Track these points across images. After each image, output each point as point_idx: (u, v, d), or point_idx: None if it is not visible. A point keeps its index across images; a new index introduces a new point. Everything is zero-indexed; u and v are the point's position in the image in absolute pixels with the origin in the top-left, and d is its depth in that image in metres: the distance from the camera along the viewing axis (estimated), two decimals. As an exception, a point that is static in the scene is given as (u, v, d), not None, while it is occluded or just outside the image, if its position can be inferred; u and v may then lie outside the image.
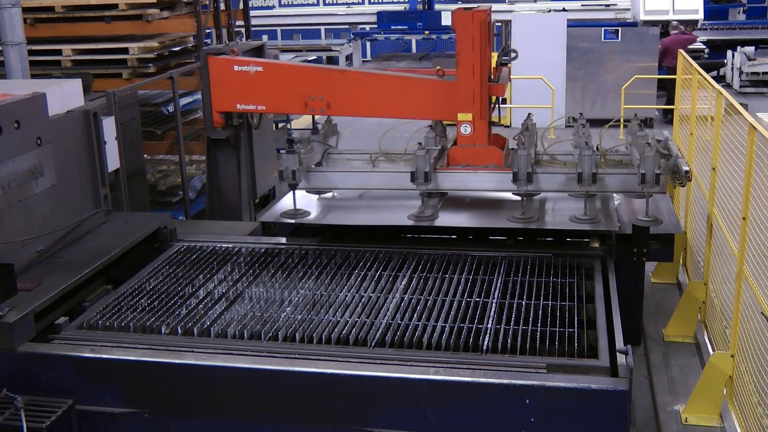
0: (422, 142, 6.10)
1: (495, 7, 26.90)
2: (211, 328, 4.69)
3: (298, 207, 6.11)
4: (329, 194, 6.45)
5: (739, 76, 19.10)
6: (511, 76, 16.22)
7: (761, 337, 5.02)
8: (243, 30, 11.61)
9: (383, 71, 6.63)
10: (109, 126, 6.58)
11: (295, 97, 6.23)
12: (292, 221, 6.03)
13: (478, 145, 6.09)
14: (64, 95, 5.90)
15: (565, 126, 16.16)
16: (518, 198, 5.93)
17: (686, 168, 5.56)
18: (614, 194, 6.28)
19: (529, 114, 6.78)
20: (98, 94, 7.36)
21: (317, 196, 6.41)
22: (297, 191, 6.08)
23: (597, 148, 5.96)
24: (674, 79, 11.24)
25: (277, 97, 6.29)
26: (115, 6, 9.31)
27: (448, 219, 5.93)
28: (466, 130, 6.06)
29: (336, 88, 6.24)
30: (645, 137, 6.05)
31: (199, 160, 8.72)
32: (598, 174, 5.60)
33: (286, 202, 6.24)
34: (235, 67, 6.13)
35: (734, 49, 19.47)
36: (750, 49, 19.43)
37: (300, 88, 6.24)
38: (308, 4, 27.59)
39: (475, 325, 4.61)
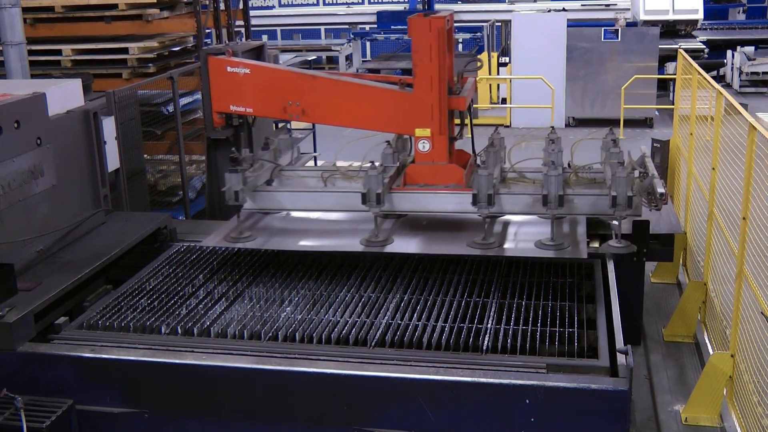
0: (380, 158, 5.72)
1: (495, 7, 26.86)
2: (211, 328, 4.69)
3: (251, 226, 5.80)
4: (284, 213, 6.05)
5: (739, 76, 19.11)
6: (512, 76, 16.38)
7: (761, 337, 5.02)
8: (243, 30, 11.61)
9: (353, 78, 6.19)
10: (109, 126, 6.58)
11: (275, 102, 5.98)
12: (232, 246, 5.65)
13: (438, 163, 5.61)
14: (64, 95, 5.91)
15: (565, 126, 16.18)
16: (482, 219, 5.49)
17: (662, 190, 5.18)
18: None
19: (497, 128, 6.34)
20: (98, 94, 7.35)
21: (274, 215, 6.02)
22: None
23: (569, 164, 5.69)
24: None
25: (261, 100, 6.05)
26: (115, 6, 9.31)
27: (401, 244, 5.48)
28: (424, 146, 5.60)
29: (309, 94, 5.90)
30: (619, 154, 5.60)
31: (199, 160, 8.71)
32: (566, 195, 5.19)
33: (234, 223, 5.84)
34: (228, 68, 6.02)
35: (734, 49, 19.48)
36: (750, 49, 19.43)
37: (279, 92, 5.98)
38: (308, 4, 27.58)
39: (475, 325, 4.61)
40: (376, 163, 5.51)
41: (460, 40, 22.39)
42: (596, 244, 5.80)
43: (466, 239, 5.40)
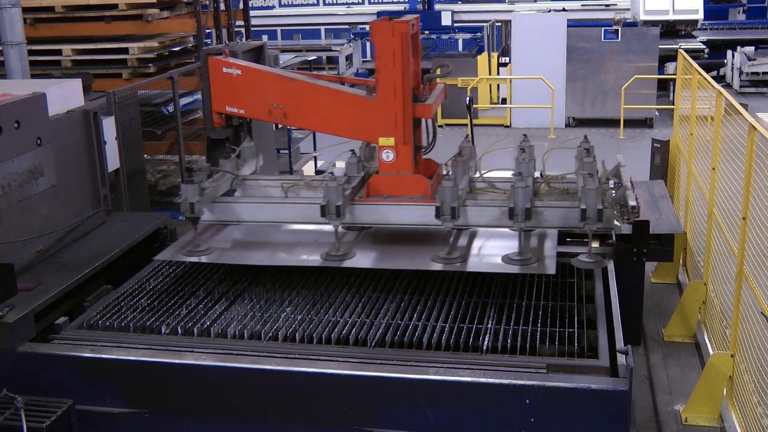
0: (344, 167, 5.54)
1: (495, 7, 26.85)
2: (211, 328, 4.69)
3: (210, 237, 5.62)
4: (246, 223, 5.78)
5: (739, 76, 19.12)
6: (512, 76, 16.38)
7: (761, 337, 5.02)
8: (243, 30, 11.61)
9: (328, 83, 5.90)
10: (109, 126, 6.58)
11: (262, 104, 5.82)
12: (187, 260, 5.45)
13: (402, 174, 5.35)
14: (64, 95, 5.90)
15: (565, 126, 16.19)
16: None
17: (633, 203, 4.88)
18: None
19: (467, 136, 6.06)
20: (98, 94, 7.35)
21: (236, 226, 5.79)
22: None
23: (542, 174, 5.49)
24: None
25: (250, 102, 5.89)
26: (115, 6, 9.31)
27: (361, 259, 5.25)
28: (388, 156, 5.35)
29: (290, 97, 5.73)
30: (592, 165, 5.33)
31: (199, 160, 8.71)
32: (534, 208, 4.95)
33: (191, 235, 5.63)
34: (224, 69, 5.99)
35: (734, 49, 19.48)
36: (750, 49, 19.44)
37: (265, 94, 5.84)
38: (308, 4, 27.58)
39: (475, 325, 4.61)
40: (340, 173, 5.36)
41: (460, 40, 22.38)
42: (596, 244, 5.79)
43: (432, 253, 5.19)
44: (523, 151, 5.69)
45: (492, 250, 5.28)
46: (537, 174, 5.57)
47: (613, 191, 5.14)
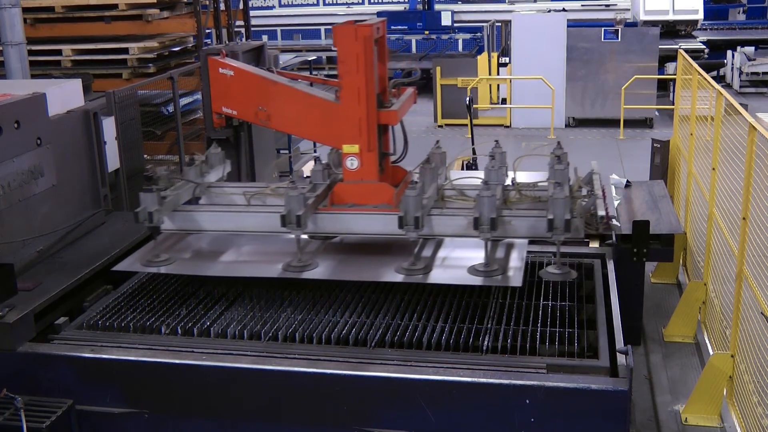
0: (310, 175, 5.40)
1: (495, 7, 26.87)
2: (211, 329, 4.69)
3: (171, 246, 5.47)
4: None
5: (739, 76, 19.13)
6: (512, 77, 16.38)
7: (761, 337, 5.03)
8: (243, 30, 11.62)
9: (304, 86, 5.76)
10: (109, 126, 6.58)
11: (250, 106, 5.75)
12: (146, 270, 5.28)
13: (367, 182, 5.20)
14: (64, 95, 5.91)
15: (565, 126, 16.19)
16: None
17: (602, 213, 4.75)
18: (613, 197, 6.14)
19: (437, 141, 5.92)
20: (98, 94, 7.36)
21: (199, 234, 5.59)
22: None
23: (513, 181, 5.33)
24: None
25: (241, 103, 5.83)
26: (115, 6, 9.32)
27: (321, 270, 5.08)
28: (352, 164, 5.18)
29: (272, 100, 5.64)
30: (563, 172, 5.18)
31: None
32: (501, 217, 4.78)
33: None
34: (220, 70, 5.97)
35: (734, 49, 19.49)
36: (750, 49, 19.45)
37: (252, 96, 5.77)
38: (308, 4, 27.58)
39: (475, 326, 4.61)
40: (304, 181, 5.25)
41: (460, 40, 22.39)
42: (596, 244, 5.80)
43: (399, 262, 5.03)
44: (492, 158, 5.53)
45: (459, 261, 5.09)
46: (509, 181, 5.38)
47: (585, 199, 4.98)
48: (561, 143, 5.58)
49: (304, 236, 5.17)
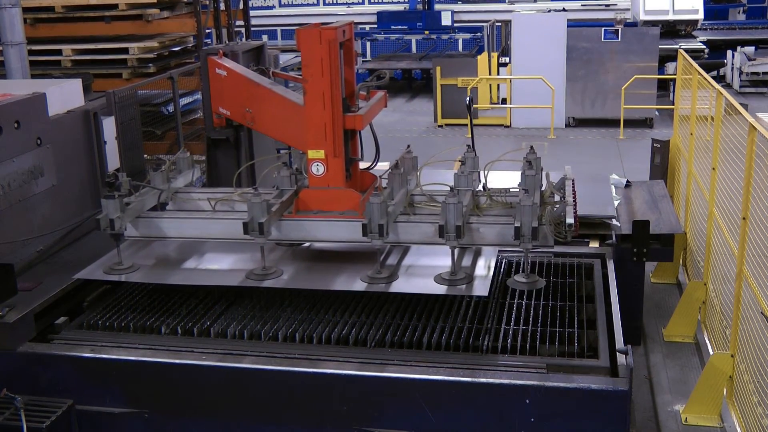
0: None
1: (495, 7, 26.81)
2: (211, 328, 4.69)
3: (134, 253, 5.39)
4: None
5: (739, 76, 19.11)
6: (512, 76, 16.37)
7: (761, 337, 5.02)
8: (243, 30, 11.62)
9: (282, 90, 5.63)
10: (109, 126, 6.58)
11: (239, 107, 5.69)
12: (108, 278, 5.15)
13: (333, 188, 5.10)
14: (64, 95, 5.91)
15: (565, 126, 16.19)
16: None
17: (570, 220, 4.60)
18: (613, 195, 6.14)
19: (408, 146, 5.76)
20: (98, 94, 7.35)
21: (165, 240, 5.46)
22: None
23: (484, 187, 5.19)
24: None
25: (232, 104, 5.77)
26: (115, 6, 9.32)
27: (284, 278, 5.00)
28: (318, 169, 5.08)
29: (255, 101, 5.58)
30: (534, 178, 5.03)
31: (199, 160, 8.72)
32: (468, 225, 4.69)
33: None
34: (216, 70, 5.95)
35: (734, 49, 19.48)
36: (750, 49, 19.44)
37: (241, 97, 5.70)
38: (308, 4, 27.61)
39: (475, 325, 4.61)
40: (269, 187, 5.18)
41: (460, 40, 22.39)
42: (596, 244, 5.80)
43: (365, 270, 4.94)
44: (463, 164, 5.39)
45: (425, 269, 5.00)
46: (480, 187, 5.26)
47: (556, 206, 4.84)
48: (534, 148, 5.43)
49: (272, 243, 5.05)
